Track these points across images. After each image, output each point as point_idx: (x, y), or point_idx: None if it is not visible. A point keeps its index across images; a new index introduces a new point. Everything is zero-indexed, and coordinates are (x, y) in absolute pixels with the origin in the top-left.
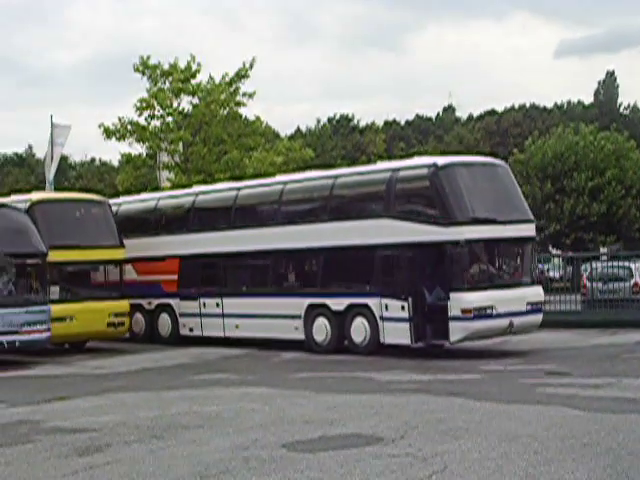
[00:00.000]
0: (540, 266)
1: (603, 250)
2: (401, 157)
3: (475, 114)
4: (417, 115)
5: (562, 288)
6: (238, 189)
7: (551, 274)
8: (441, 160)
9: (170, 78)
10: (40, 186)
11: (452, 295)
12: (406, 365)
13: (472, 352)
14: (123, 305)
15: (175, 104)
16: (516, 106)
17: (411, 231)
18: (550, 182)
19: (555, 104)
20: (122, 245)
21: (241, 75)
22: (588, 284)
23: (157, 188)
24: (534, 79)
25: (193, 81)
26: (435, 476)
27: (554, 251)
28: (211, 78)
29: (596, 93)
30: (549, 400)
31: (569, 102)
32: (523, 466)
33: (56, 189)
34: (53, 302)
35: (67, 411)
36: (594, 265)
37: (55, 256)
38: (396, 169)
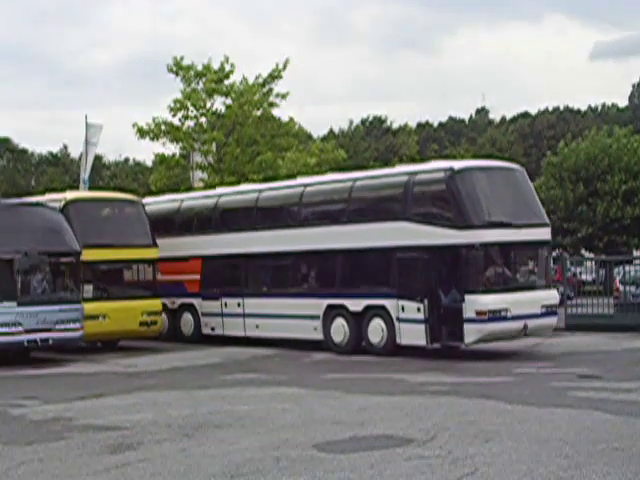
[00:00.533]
0: (572, 269)
1: (636, 253)
2: (434, 159)
3: (508, 116)
4: (450, 117)
5: (594, 291)
6: (259, 191)
7: (583, 277)
8: (458, 164)
9: (203, 79)
10: (74, 185)
11: (467, 297)
12: (437, 367)
13: (503, 354)
14: (156, 304)
15: (208, 105)
16: (550, 109)
17: (427, 234)
18: (583, 185)
19: (589, 107)
20: (155, 245)
21: (274, 76)
22: (621, 287)
23: (190, 188)
24: (569, 82)
25: (226, 82)
26: (465, 478)
27: (587, 254)
28: (244, 79)
29: (631, 96)
30: (580, 404)
31: (603, 105)
32: (554, 470)
33: (90, 188)
34: (86, 300)
35: (99, 409)
36: (627, 268)
37: (89, 255)
38: (413, 173)
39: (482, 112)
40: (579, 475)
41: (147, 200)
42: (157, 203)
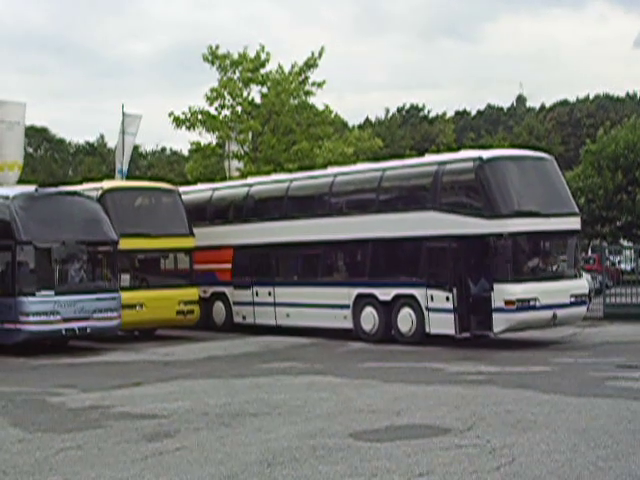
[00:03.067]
0: (611, 258)
1: None
2: (469, 148)
3: (548, 104)
4: (488, 105)
5: (633, 280)
6: (290, 181)
7: (622, 266)
8: (487, 154)
9: (240, 68)
10: (111, 175)
11: (496, 286)
12: (473, 356)
13: (541, 344)
14: (192, 293)
15: (245, 94)
16: (590, 96)
17: (456, 223)
18: (622, 173)
19: (627, 94)
20: (192, 234)
21: (310, 64)
22: None
23: (225, 178)
24: (612, 69)
25: (262, 70)
26: (503, 468)
27: (625, 243)
28: (280, 67)
29: None
30: (619, 394)
31: None
32: (592, 460)
33: (127, 178)
34: (123, 289)
35: (137, 397)
36: None
37: (126, 244)
38: (443, 162)
39: (520, 100)
40: (618, 466)
41: (180, 189)
42: (189, 192)
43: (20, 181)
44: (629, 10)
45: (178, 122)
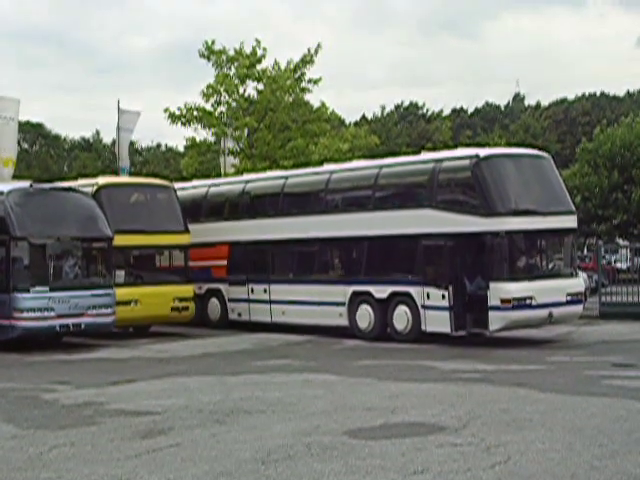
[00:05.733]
0: (607, 257)
1: None
2: (466, 145)
3: (547, 103)
4: (486, 103)
5: (629, 279)
6: (286, 178)
7: (618, 265)
8: (483, 151)
9: (236, 63)
10: (107, 170)
11: (492, 285)
12: (468, 354)
13: (536, 342)
14: (187, 290)
15: (241, 90)
16: (586, 95)
17: (452, 221)
18: (618, 172)
19: (627, 92)
20: (187, 230)
21: (306, 61)
22: None
23: (220, 174)
24: (613, 68)
25: (259, 67)
26: (498, 466)
27: (621, 242)
28: (276, 64)
29: None
30: (615, 392)
31: None
32: (588, 458)
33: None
34: (118, 286)
35: (131, 394)
36: None
37: (121, 240)
38: (439, 160)
39: (517, 98)
40: (613, 464)
41: (176, 186)
42: (184, 189)
43: (15, 177)
44: (628, 10)
45: (173, 118)
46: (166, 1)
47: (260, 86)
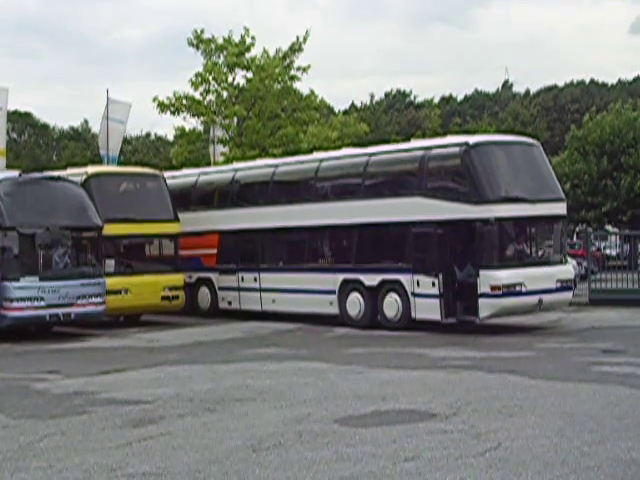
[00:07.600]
0: (597, 243)
1: None
2: (457, 133)
3: (535, 90)
4: (476, 90)
5: (619, 266)
6: (275, 166)
7: (608, 252)
8: (473, 139)
9: (225, 52)
10: (95, 160)
11: (482, 272)
12: (458, 341)
13: (526, 329)
14: (177, 279)
15: (230, 78)
16: (575, 82)
17: (442, 209)
18: (607, 159)
19: (619, 80)
20: (177, 219)
21: (295, 49)
22: None
23: (210, 163)
24: (605, 55)
25: (247, 55)
26: (488, 453)
27: (611, 229)
28: (265, 52)
29: None
30: (605, 378)
31: (635, 78)
32: (578, 444)
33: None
34: (108, 275)
35: (122, 383)
36: None
37: (110, 229)
38: (429, 148)
39: (506, 86)
40: (603, 450)
41: (165, 174)
42: (174, 178)
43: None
44: None
45: (162, 107)
46: None
47: (249, 74)
